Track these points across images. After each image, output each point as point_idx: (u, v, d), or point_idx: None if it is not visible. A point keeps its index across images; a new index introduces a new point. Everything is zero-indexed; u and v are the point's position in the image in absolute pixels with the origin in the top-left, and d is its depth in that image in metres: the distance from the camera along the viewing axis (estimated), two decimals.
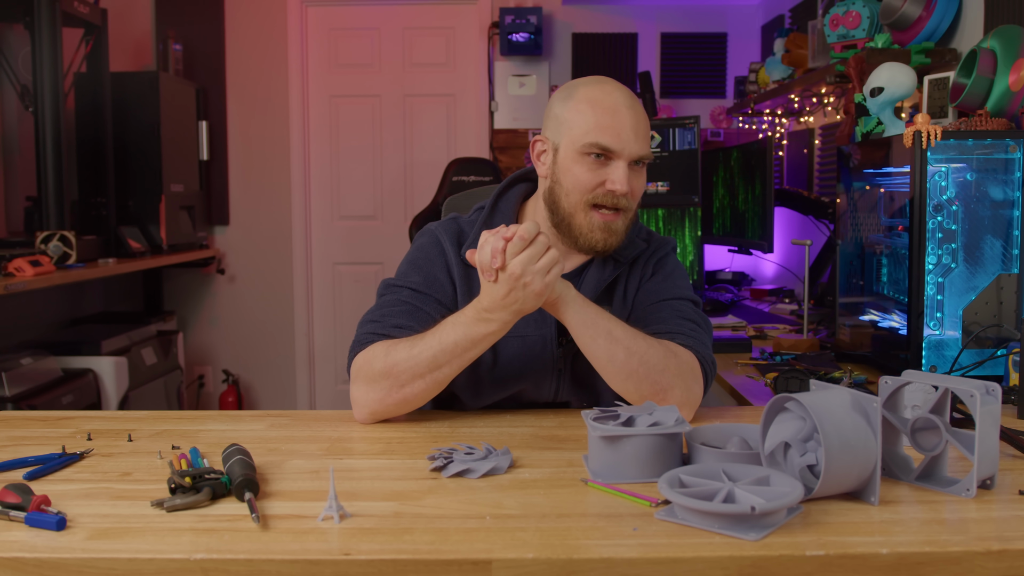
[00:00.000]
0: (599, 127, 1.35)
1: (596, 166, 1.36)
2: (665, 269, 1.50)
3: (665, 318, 1.41)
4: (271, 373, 4.39)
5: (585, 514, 0.96)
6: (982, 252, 1.75)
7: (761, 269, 3.96)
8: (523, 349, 1.42)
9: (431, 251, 1.45)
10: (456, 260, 1.43)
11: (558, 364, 1.44)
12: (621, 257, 1.45)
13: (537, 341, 1.43)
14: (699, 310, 1.47)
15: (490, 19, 4.18)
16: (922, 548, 0.86)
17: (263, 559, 0.84)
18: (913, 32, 2.27)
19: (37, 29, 2.94)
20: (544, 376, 1.44)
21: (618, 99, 1.38)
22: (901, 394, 1.06)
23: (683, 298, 1.45)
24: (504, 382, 1.43)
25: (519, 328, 1.37)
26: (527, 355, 1.42)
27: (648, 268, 1.49)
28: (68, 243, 2.92)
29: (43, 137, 2.99)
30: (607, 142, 1.35)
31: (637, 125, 1.36)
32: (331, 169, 4.37)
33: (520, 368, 1.42)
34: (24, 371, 2.71)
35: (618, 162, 1.35)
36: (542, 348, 1.43)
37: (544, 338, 1.42)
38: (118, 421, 1.39)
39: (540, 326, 1.43)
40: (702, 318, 1.45)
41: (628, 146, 1.35)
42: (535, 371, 1.43)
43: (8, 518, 0.93)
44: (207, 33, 4.22)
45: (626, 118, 1.36)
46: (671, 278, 1.49)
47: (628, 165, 1.36)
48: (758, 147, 3.03)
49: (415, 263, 1.45)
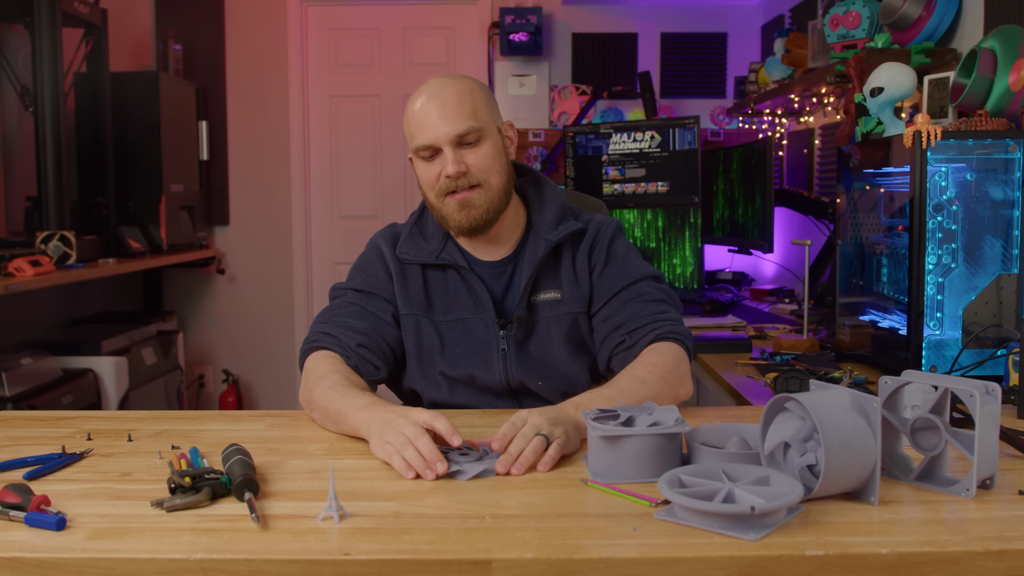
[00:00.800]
0: (415, 129, 1.43)
1: (430, 164, 1.44)
2: (617, 253, 1.53)
3: (636, 311, 1.46)
4: (271, 373, 4.39)
5: (585, 514, 0.96)
6: (982, 252, 1.75)
7: (761, 269, 3.96)
8: (464, 332, 1.50)
9: (371, 255, 1.56)
10: (392, 258, 1.52)
11: (501, 344, 1.48)
12: (551, 236, 1.50)
13: (478, 324, 1.49)
14: (662, 284, 1.52)
15: (490, 19, 4.18)
16: (922, 548, 0.86)
17: (263, 559, 0.84)
18: (913, 32, 2.27)
19: (37, 29, 2.94)
20: (490, 357, 1.49)
21: (424, 94, 1.44)
22: (901, 394, 1.06)
23: (643, 278, 1.51)
24: (454, 363, 1.49)
25: (460, 312, 1.49)
26: (470, 337, 1.49)
27: (598, 255, 1.52)
28: (68, 243, 2.92)
29: (43, 137, 2.99)
30: (422, 141, 1.42)
31: (443, 108, 1.41)
32: (331, 169, 4.37)
33: (468, 351, 1.49)
34: (24, 371, 2.71)
35: (442, 150, 1.42)
36: (484, 330, 1.49)
37: (484, 321, 1.49)
38: (118, 421, 1.39)
39: (479, 310, 1.49)
40: (666, 292, 1.51)
41: (439, 132, 1.41)
42: (481, 353, 1.48)
43: (8, 518, 0.93)
44: (207, 33, 4.22)
45: (430, 109, 1.42)
46: (627, 260, 1.53)
47: (453, 148, 1.41)
48: (758, 147, 3.03)
49: (359, 267, 1.56)
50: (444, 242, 1.52)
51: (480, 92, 1.46)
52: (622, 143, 3.29)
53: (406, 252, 1.52)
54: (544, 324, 1.50)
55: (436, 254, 1.51)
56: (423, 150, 1.43)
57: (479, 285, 1.49)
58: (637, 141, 3.26)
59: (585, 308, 1.51)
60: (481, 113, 1.43)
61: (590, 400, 1.27)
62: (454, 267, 1.50)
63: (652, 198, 3.25)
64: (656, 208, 3.29)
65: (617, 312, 1.48)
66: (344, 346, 1.44)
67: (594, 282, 1.51)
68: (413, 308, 1.50)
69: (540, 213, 1.53)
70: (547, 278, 1.52)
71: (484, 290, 1.49)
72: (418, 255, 1.51)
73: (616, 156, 3.31)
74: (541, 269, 1.51)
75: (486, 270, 1.53)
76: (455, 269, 1.51)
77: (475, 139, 1.43)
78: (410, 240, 1.53)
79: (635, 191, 3.28)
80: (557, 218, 1.52)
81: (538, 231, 1.51)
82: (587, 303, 1.51)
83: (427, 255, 1.51)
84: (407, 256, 1.51)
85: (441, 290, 1.51)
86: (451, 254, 1.50)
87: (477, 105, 1.43)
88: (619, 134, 3.30)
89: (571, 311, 1.50)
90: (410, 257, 1.51)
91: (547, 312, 1.50)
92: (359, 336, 1.45)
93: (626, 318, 1.46)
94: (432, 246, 1.52)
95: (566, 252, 1.53)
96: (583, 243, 1.53)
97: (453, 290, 1.51)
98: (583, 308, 1.51)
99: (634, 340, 1.44)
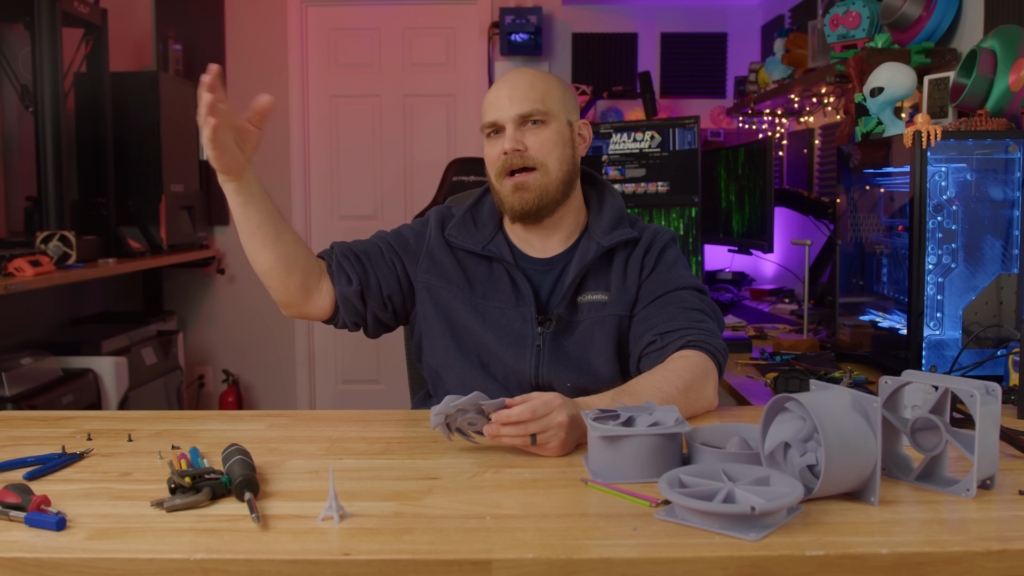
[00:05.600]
0: (486, 108, 1.48)
1: (495, 141, 1.48)
2: (667, 260, 1.53)
3: (672, 315, 1.45)
4: (271, 373, 4.39)
5: (585, 514, 0.96)
6: (982, 252, 1.75)
7: (761, 269, 3.96)
8: (503, 320, 1.50)
9: (418, 225, 1.60)
10: (436, 236, 1.55)
11: (537, 340, 1.48)
12: (603, 240, 1.50)
13: (516, 317, 1.50)
14: (705, 297, 1.51)
15: (490, 19, 4.18)
16: (922, 548, 0.86)
17: (263, 559, 0.84)
18: (913, 32, 2.27)
19: (37, 29, 2.94)
20: (524, 351, 1.48)
21: (503, 78, 1.49)
22: (901, 394, 1.06)
23: (687, 287, 1.50)
24: (487, 344, 1.49)
25: (499, 300, 1.50)
26: (507, 326, 1.50)
27: (649, 260, 1.52)
28: (68, 243, 2.92)
29: (43, 137, 2.99)
30: (489, 117, 1.47)
31: (513, 89, 1.45)
32: (331, 169, 4.37)
33: (502, 337, 1.49)
34: (24, 371, 2.71)
35: (505, 128, 1.45)
36: (522, 323, 1.49)
37: (524, 316, 1.49)
38: (118, 421, 1.39)
39: (519, 303, 1.50)
40: (708, 305, 1.50)
41: (505, 110, 1.45)
42: (515, 344, 1.48)
43: (8, 518, 0.93)
44: (207, 33, 4.22)
45: (503, 89, 1.47)
46: (674, 268, 1.52)
47: (516, 127, 1.45)
48: (758, 147, 3.03)
49: (402, 228, 1.61)
50: (495, 233, 1.53)
51: (556, 84, 1.49)
52: (622, 143, 3.29)
53: (455, 236, 1.53)
54: (587, 325, 1.49)
55: (484, 244, 1.51)
56: (488, 127, 1.47)
57: (523, 280, 1.49)
58: (637, 141, 3.26)
59: (629, 311, 1.50)
60: (551, 101, 1.46)
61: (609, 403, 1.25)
62: (499, 260, 1.51)
63: (652, 198, 3.25)
64: (656, 208, 3.29)
65: (654, 314, 1.47)
66: (331, 253, 1.52)
67: (640, 284, 1.51)
68: (449, 284, 1.51)
69: (597, 217, 1.54)
70: (596, 279, 1.51)
71: (527, 285, 1.49)
72: (466, 241, 1.52)
73: (616, 156, 3.31)
74: (590, 271, 1.50)
75: (533, 266, 1.53)
76: (500, 262, 1.51)
77: (540, 120, 1.45)
78: (461, 225, 1.54)
79: (635, 191, 3.28)
80: (613, 223, 1.52)
81: (592, 234, 1.52)
82: (631, 306, 1.51)
83: (475, 243, 1.52)
84: (455, 240, 1.52)
85: (484, 279, 1.52)
86: (499, 247, 1.51)
87: (549, 92, 1.47)
88: (619, 134, 3.30)
89: (616, 313, 1.49)
90: (457, 242, 1.52)
91: (591, 313, 1.49)
92: (352, 253, 1.52)
93: (660, 320, 1.45)
94: (482, 235, 1.53)
95: (619, 256, 1.52)
96: (637, 248, 1.53)
97: (497, 280, 1.51)
98: (627, 311, 1.50)
99: (665, 343, 1.42)
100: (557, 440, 1.14)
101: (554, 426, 1.14)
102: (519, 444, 1.14)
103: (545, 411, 1.14)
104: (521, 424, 1.13)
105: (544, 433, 1.13)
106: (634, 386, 1.32)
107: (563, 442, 1.15)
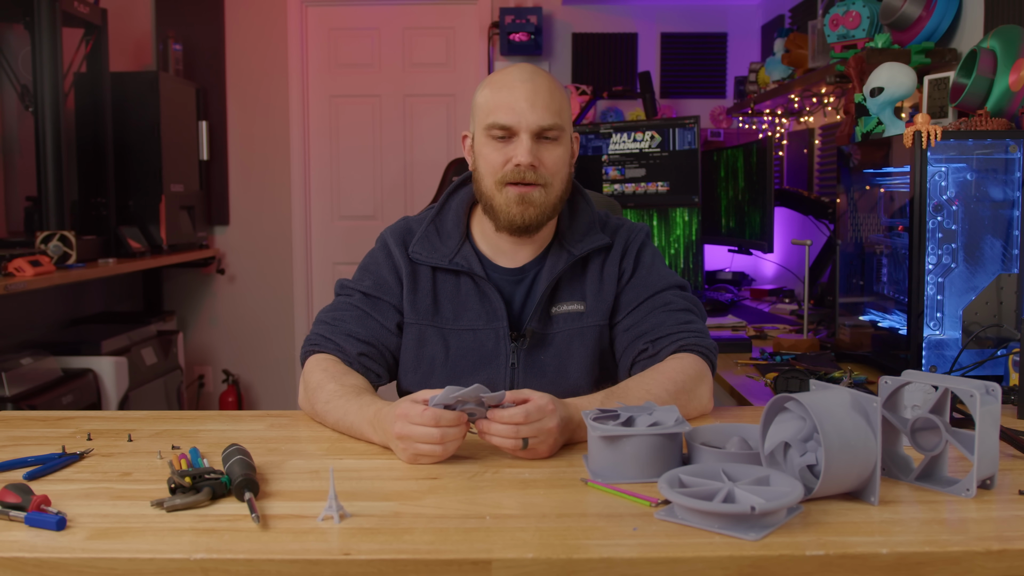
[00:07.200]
0: (496, 106, 1.37)
1: (501, 145, 1.38)
2: (644, 262, 1.49)
3: (661, 320, 1.42)
4: (271, 373, 4.39)
5: (585, 514, 0.96)
6: (982, 252, 1.75)
7: (761, 269, 3.96)
8: (474, 343, 1.44)
9: (379, 256, 1.49)
10: (402, 259, 1.46)
11: (511, 358, 1.44)
12: (575, 249, 1.45)
13: (489, 335, 1.44)
14: (687, 293, 1.48)
15: (490, 19, 4.18)
16: (922, 548, 0.86)
17: (263, 559, 0.84)
18: (913, 32, 2.27)
19: (37, 29, 2.94)
20: (497, 370, 1.44)
21: (515, 75, 1.38)
22: (901, 394, 1.06)
23: (669, 288, 1.47)
24: (455, 375, 1.44)
25: (470, 321, 1.43)
26: (479, 348, 1.44)
27: (627, 264, 1.48)
28: (68, 243, 2.92)
29: (43, 137, 2.99)
30: (503, 119, 1.36)
31: (534, 97, 1.35)
32: (331, 169, 4.37)
33: (474, 362, 1.44)
34: (24, 371, 2.71)
35: (520, 136, 1.36)
36: (495, 342, 1.44)
37: (496, 332, 1.44)
38: (118, 421, 1.39)
39: (491, 320, 1.44)
40: (692, 302, 1.47)
41: (524, 118, 1.35)
42: (488, 365, 1.44)
43: (8, 518, 0.93)
44: (207, 33, 4.22)
45: (520, 92, 1.36)
46: (653, 269, 1.49)
47: (532, 138, 1.36)
48: (758, 147, 3.03)
49: (367, 268, 1.50)
50: (460, 244, 1.46)
51: (564, 93, 1.43)
52: (622, 143, 3.29)
53: (418, 252, 1.45)
54: (564, 336, 1.45)
55: (450, 257, 1.44)
56: (499, 128, 1.36)
57: (494, 294, 1.44)
58: (637, 141, 3.26)
59: (608, 320, 1.47)
60: (565, 115, 1.40)
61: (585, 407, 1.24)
62: (468, 274, 1.45)
63: (652, 198, 3.26)
64: (656, 208, 3.29)
65: (641, 321, 1.43)
66: (346, 353, 1.41)
67: (620, 291, 1.47)
68: (419, 317, 1.45)
69: (569, 223, 1.48)
70: (570, 288, 1.46)
71: (499, 299, 1.44)
72: (431, 257, 1.45)
73: (616, 156, 3.31)
74: (564, 279, 1.46)
75: (504, 277, 1.47)
76: (469, 276, 1.45)
77: (555, 137, 1.38)
78: (424, 239, 1.47)
79: (635, 191, 3.28)
80: (584, 229, 1.47)
81: (564, 241, 1.46)
82: (609, 314, 1.47)
83: (440, 258, 1.44)
84: (419, 256, 1.45)
85: (452, 295, 1.46)
86: (466, 259, 1.44)
87: (563, 107, 1.40)
88: (619, 134, 3.30)
89: (595, 324, 1.45)
90: (422, 258, 1.45)
91: (568, 324, 1.45)
92: (361, 344, 1.42)
93: (650, 327, 1.42)
94: (447, 248, 1.45)
95: (594, 263, 1.48)
96: (612, 253, 1.48)
97: (465, 297, 1.45)
98: (606, 320, 1.46)
99: (657, 349, 1.40)
100: (546, 445, 1.15)
101: (544, 432, 1.14)
102: (508, 447, 1.14)
103: (538, 416, 1.14)
104: (513, 426, 1.13)
105: (535, 438, 1.13)
106: (624, 388, 1.30)
107: (551, 447, 1.16)
